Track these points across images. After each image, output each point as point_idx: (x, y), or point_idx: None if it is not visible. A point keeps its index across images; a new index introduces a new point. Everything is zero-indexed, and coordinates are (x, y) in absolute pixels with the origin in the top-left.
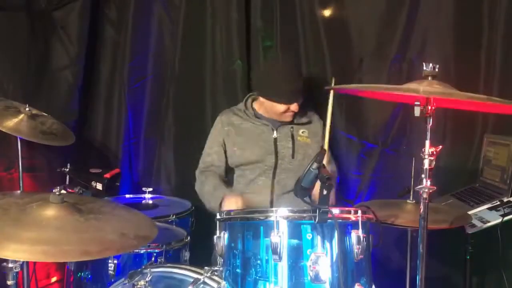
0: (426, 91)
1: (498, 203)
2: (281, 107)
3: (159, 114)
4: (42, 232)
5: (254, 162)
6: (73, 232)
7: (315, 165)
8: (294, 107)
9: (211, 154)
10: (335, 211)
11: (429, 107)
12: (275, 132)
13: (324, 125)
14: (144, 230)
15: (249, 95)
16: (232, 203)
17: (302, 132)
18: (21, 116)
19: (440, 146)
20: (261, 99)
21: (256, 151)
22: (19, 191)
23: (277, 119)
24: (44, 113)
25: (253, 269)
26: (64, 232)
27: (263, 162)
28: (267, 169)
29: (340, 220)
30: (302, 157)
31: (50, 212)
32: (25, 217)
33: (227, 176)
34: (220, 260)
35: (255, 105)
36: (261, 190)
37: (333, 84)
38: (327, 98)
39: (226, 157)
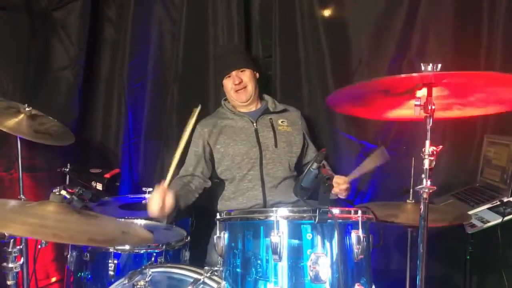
0: (427, 71)
1: (498, 203)
2: (228, 83)
3: (160, 114)
4: (46, 221)
5: (239, 156)
6: (76, 223)
7: (315, 165)
8: (234, 76)
9: (189, 159)
10: (335, 211)
11: (429, 107)
12: (255, 124)
13: (302, 115)
14: (143, 234)
15: (224, 98)
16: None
17: (282, 122)
18: (21, 116)
19: (440, 146)
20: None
21: (240, 145)
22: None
23: (239, 102)
24: (44, 114)
25: (253, 269)
26: (67, 223)
27: (248, 156)
28: (254, 162)
29: (340, 220)
30: (285, 145)
31: (51, 208)
32: (27, 211)
33: (214, 186)
34: (220, 260)
35: (231, 103)
36: (253, 185)
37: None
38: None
39: (208, 160)
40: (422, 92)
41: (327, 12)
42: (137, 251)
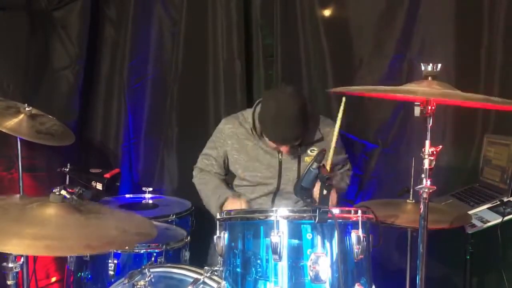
0: (424, 92)
1: (498, 203)
2: (272, 144)
3: (160, 114)
4: (44, 228)
5: (255, 182)
6: (75, 228)
7: (315, 165)
8: (284, 149)
9: (210, 159)
10: (335, 211)
11: (429, 107)
12: (280, 154)
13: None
14: (144, 228)
15: (258, 102)
16: (236, 206)
17: (311, 151)
18: (21, 116)
19: (440, 146)
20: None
21: (259, 174)
22: (18, 195)
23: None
24: (44, 113)
25: (253, 269)
26: (65, 229)
27: (265, 186)
28: (269, 193)
29: (340, 220)
30: None
31: (50, 211)
32: (26, 216)
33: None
34: (219, 259)
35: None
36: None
37: (342, 105)
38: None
39: (226, 166)
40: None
41: (327, 12)
42: (137, 251)
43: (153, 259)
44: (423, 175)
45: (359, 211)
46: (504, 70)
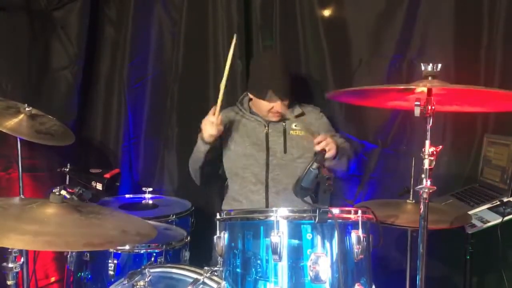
0: (425, 85)
1: (498, 203)
2: (265, 105)
3: (160, 114)
4: (44, 226)
5: (245, 157)
6: (75, 227)
7: (315, 165)
8: (278, 106)
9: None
10: (335, 211)
11: (429, 107)
12: (266, 127)
13: (323, 113)
14: (144, 229)
15: (246, 93)
16: (207, 124)
17: (295, 126)
18: (21, 116)
19: (440, 146)
20: (251, 95)
21: (248, 146)
22: (17, 197)
23: (268, 118)
24: (44, 114)
25: (253, 269)
26: (66, 227)
27: (255, 159)
28: (260, 166)
29: (340, 220)
30: (296, 151)
31: (51, 210)
32: (26, 215)
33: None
34: (220, 260)
35: (251, 103)
36: (256, 189)
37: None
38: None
39: (219, 153)
40: (422, 89)
41: (327, 12)
42: (137, 251)
43: (153, 259)
44: (423, 175)
45: (359, 211)
46: (504, 70)
